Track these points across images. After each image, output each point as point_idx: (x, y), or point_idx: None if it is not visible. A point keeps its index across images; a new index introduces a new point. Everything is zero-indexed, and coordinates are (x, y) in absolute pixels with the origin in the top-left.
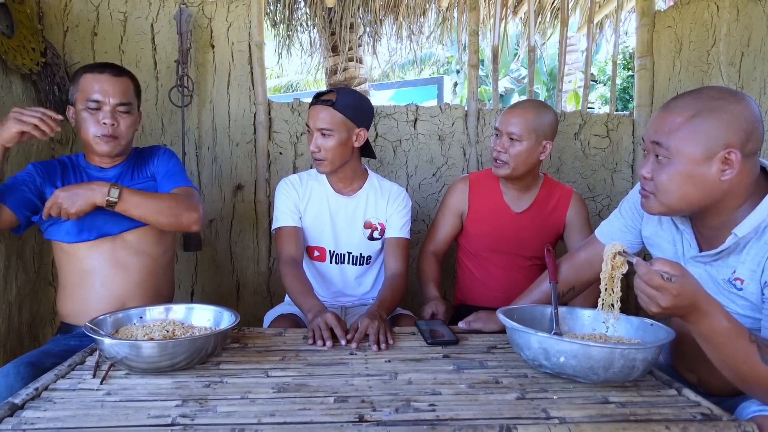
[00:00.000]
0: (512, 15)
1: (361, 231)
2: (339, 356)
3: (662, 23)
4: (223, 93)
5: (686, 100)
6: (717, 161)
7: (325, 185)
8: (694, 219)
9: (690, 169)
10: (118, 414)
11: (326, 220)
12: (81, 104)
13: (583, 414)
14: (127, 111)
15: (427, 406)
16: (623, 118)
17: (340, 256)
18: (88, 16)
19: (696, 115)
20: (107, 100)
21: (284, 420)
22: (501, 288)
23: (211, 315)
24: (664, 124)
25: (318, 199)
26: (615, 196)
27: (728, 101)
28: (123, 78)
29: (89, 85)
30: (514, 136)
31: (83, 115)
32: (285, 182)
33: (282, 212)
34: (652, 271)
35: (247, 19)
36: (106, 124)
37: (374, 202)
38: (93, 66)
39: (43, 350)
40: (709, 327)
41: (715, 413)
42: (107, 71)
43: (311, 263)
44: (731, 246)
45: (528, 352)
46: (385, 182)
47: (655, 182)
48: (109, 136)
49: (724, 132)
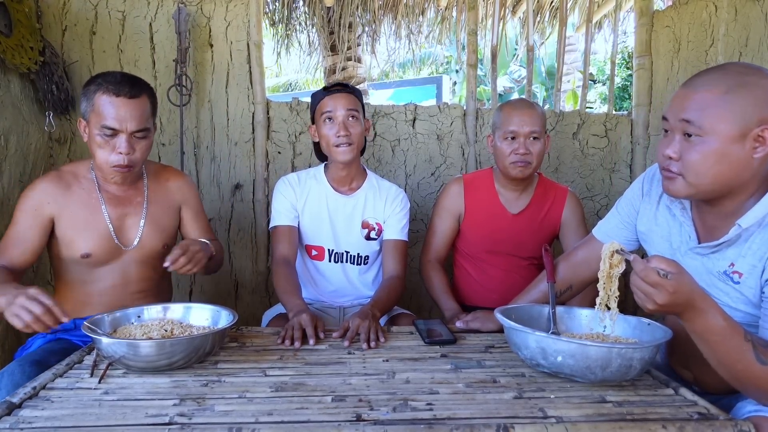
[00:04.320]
0: (511, 15)
1: (359, 230)
2: (337, 356)
3: (661, 23)
4: (221, 92)
5: (714, 75)
6: (750, 139)
7: (324, 184)
8: (702, 208)
9: (725, 147)
10: (115, 413)
11: (325, 219)
12: (95, 127)
13: (580, 413)
14: (144, 136)
15: (424, 405)
16: (622, 117)
17: (339, 255)
18: (87, 15)
19: (729, 91)
20: (124, 127)
21: (282, 419)
22: (499, 288)
23: (209, 314)
24: (694, 100)
25: (317, 198)
26: (613, 196)
27: (758, 76)
28: (140, 99)
29: (104, 108)
30: (536, 134)
31: (97, 140)
32: (283, 181)
33: (278, 211)
34: (648, 268)
35: (245, 19)
36: (121, 153)
37: (372, 201)
38: (108, 82)
39: (47, 348)
40: (705, 325)
41: (712, 412)
42: (123, 93)
43: (310, 262)
44: (732, 237)
45: (525, 352)
46: (384, 182)
47: (684, 162)
48: (124, 166)
49: (759, 108)
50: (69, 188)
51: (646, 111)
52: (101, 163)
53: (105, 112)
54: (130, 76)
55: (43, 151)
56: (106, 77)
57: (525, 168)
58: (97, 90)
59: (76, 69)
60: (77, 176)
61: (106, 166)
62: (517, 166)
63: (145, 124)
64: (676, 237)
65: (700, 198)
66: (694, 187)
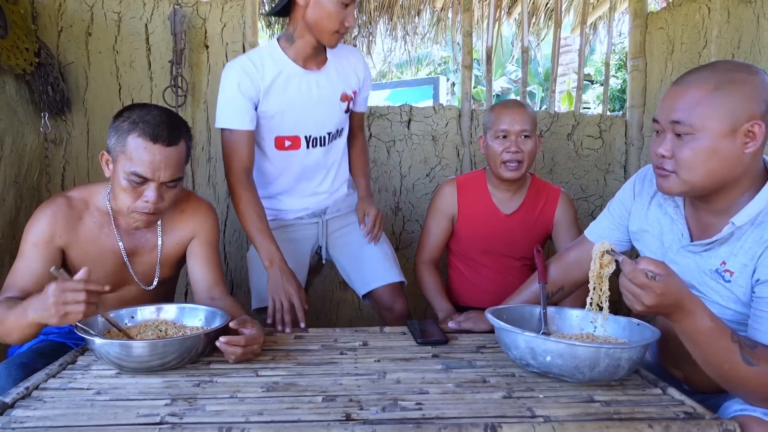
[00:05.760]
0: (506, 16)
1: (338, 106)
2: (329, 356)
3: (655, 25)
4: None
5: (703, 73)
6: (741, 134)
7: (287, 64)
8: (696, 206)
9: (716, 143)
10: (107, 413)
11: (297, 104)
12: (123, 170)
13: (568, 413)
14: (175, 185)
15: (414, 405)
16: (616, 118)
17: (319, 139)
18: (83, 16)
19: (717, 88)
20: (156, 177)
21: (272, 419)
22: (492, 289)
23: (202, 315)
24: (683, 99)
25: (284, 83)
26: (607, 197)
27: (746, 73)
28: (178, 146)
29: (137, 153)
30: (527, 133)
31: (122, 183)
32: (235, 69)
33: (234, 111)
34: (637, 269)
35: (241, 20)
36: (148, 202)
37: (343, 71)
38: (146, 123)
39: (34, 350)
40: (692, 326)
41: (698, 412)
42: (161, 139)
43: (278, 155)
44: (725, 236)
45: (515, 352)
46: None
47: (677, 159)
48: (150, 213)
49: (748, 103)
50: (80, 219)
51: (640, 112)
52: (122, 207)
53: (137, 157)
54: (170, 116)
55: (38, 152)
56: (143, 115)
57: (516, 169)
58: (132, 130)
59: (72, 70)
60: (88, 204)
61: (127, 211)
62: (509, 167)
63: (180, 174)
64: (668, 235)
65: (694, 195)
66: (688, 183)
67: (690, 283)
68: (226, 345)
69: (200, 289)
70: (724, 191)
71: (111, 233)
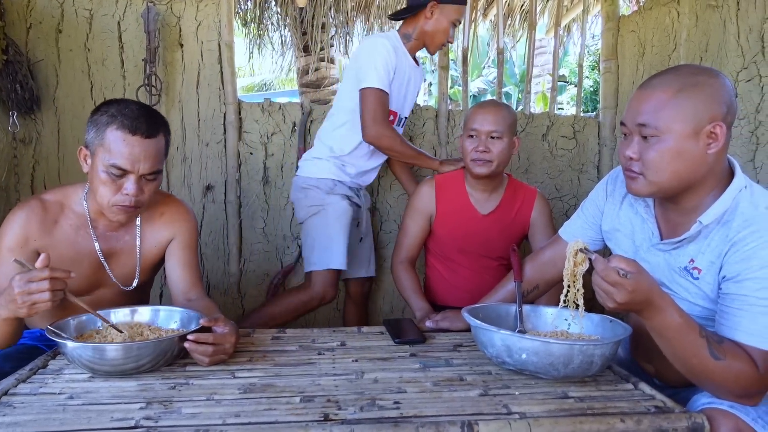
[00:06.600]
0: (482, 17)
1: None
2: (307, 356)
3: (626, 27)
4: (192, 92)
5: (667, 77)
6: (704, 135)
7: (406, 55)
8: (666, 205)
9: (680, 145)
10: (80, 417)
11: (404, 87)
12: (102, 163)
13: (543, 409)
14: (155, 178)
15: (391, 404)
16: (589, 120)
17: (402, 120)
18: (53, 12)
19: (681, 91)
20: (135, 168)
21: (249, 420)
22: (469, 288)
23: (177, 317)
24: (648, 103)
25: (404, 67)
26: (581, 196)
27: (708, 76)
28: (157, 138)
29: (115, 145)
30: (496, 134)
31: (101, 176)
32: (384, 44)
33: (387, 75)
34: (608, 267)
35: (216, 18)
36: (128, 194)
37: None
38: (124, 116)
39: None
40: (662, 322)
41: (668, 406)
42: (139, 131)
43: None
44: (693, 234)
45: (491, 350)
46: None
47: (644, 161)
48: (129, 206)
49: (710, 106)
50: (56, 222)
51: (612, 113)
52: (102, 201)
53: (116, 149)
54: (148, 110)
55: (6, 151)
56: (122, 109)
57: (484, 165)
58: (110, 123)
59: (42, 68)
60: (63, 207)
61: (107, 205)
62: (477, 164)
63: (159, 166)
64: (639, 234)
65: (662, 195)
66: (655, 185)
67: (660, 281)
68: (195, 344)
69: (178, 291)
70: (690, 191)
71: (87, 235)
